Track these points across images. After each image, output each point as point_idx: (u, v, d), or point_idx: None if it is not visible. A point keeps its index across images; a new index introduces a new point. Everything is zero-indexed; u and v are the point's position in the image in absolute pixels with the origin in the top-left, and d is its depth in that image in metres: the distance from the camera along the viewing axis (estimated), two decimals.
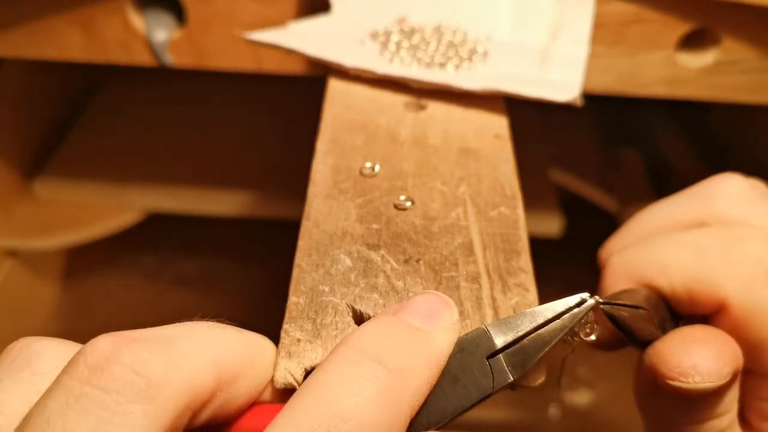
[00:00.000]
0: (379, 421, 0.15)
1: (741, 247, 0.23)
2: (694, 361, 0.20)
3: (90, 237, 0.55)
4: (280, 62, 0.39)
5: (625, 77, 0.38)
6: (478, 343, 0.19)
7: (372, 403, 0.15)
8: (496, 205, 0.25)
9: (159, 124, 0.64)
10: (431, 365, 0.17)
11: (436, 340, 0.18)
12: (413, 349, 0.17)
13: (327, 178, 0.26)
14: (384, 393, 0.16)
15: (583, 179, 0.59)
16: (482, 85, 0.31)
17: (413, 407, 0.17)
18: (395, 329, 0.17)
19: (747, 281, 0.22)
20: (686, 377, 0.20)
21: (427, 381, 0.17)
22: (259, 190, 0.57)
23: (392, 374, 0.16)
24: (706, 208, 0.24)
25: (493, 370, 0.18)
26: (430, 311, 0.18)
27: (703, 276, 0.22)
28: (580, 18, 0.35)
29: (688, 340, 0.21)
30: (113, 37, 0.39)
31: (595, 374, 0.56)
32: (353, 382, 0.16)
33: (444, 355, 0.18)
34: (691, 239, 0.23)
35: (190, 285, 0.63)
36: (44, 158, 0.59)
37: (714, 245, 0.23)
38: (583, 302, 0.20)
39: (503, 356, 0.19)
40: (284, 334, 0.20)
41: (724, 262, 0.22)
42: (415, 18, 0.36)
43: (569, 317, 0.19)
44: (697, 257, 0.23)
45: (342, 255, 0.23)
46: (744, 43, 0.36)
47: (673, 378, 0.21)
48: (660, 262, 0.23)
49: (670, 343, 0.21)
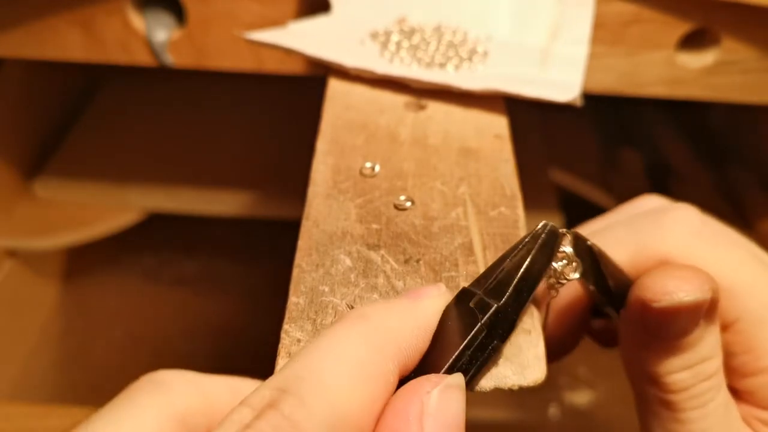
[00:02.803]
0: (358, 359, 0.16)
1: (670, 213, 0.25)
2: (676, 281, 0.22)
3: (90, 237, 0.55)
4: (280, 62, 0.39)
5: (625, 77, 0.38)
6: (463, 300, 0.19)
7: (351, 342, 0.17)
8: (496, 205, 0.25)
9: (159, 124, 0.64)
10: (416, 325, 0.18)
11: (419, 305, 0.19)
12: (398, 312, 0.18)
13: (327, 178, 0.26)
14: (366, 340, 0.17)
15: (583, 179, 0.59)
16: (482, 85, 0.31)
17: (397, 362, 0.17)
18: (385, 302, 0.19)
19: (681, 238, 0.24)
20: (671, 294, 0.21)
21: (413, 340, 0.18)
22: (259, 190, 0.57)
23: (375, 328, 0.17)
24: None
25: (478, 309, 0.19)
26: (415, 291, 0.19)
27: (642, 243, 0.24)
28: (580, 18, 0.35)
29: (669, 270, 0.22)
30: (113, 37, 0.39)
31: (595, 374, 0.56)
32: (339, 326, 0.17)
33: (429, 317, 0.19)
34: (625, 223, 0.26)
35: (190, 285, 0.63)
36: (44, 158, 0.59)
37: (646, 220, 0.25)
38: (546, 227, 0.20)
39: (483, 294, 0.19)
40: (284, 334, 0.20)
41: (658, 228, 0.25)
42: (415, 18, 0.36)
43: (531, 240, 0.20)
44: (634, 231, 0.25)
45: (342, 255, 0.23)
46: (744, 43, 0.36)
47: (659, 299, 0.22)
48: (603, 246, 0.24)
49: (654, 273, 0.22)
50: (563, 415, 0.54)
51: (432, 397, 0.16)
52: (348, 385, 0.16)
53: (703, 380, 0.23)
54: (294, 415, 0.15)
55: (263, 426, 0.15)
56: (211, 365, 0.60)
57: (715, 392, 0.23)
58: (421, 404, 0.16)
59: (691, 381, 0.23)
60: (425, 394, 0.16)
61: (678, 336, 0.23)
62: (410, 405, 0.16)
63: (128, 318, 0.60)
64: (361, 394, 0.16)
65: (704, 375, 0.23)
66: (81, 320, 0.59)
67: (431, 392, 0.16)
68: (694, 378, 0.23)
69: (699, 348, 0.23)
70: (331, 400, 0.15)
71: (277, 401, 0.15)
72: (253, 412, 0.15)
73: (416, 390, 0.16)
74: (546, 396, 0.55)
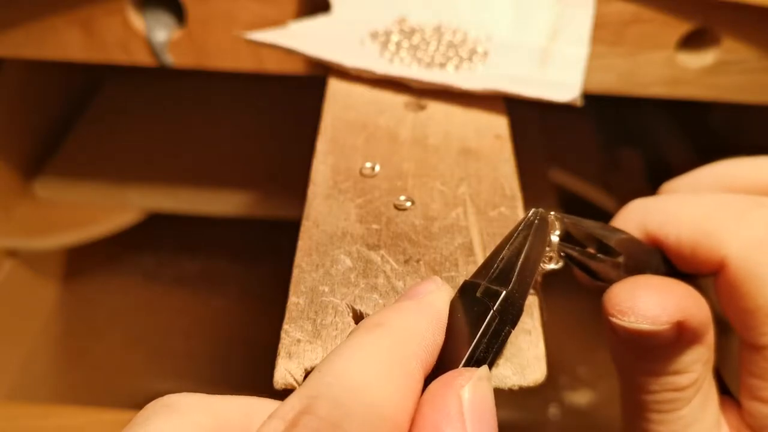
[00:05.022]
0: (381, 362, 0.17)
1: (756, 209, 0.22)
2: (634, 303, 0.21)
3: (90, 237, 0.55)
4: (280, 62, 0.39)
5: (625, 77, 0.38)
6: (468, 292, 0.19)
7: (371, 347, 0.17)
8: (496, 205, 0.25)
9: (159, 124, 0.64)
10: (428, 321, 0.18)
11: (425, 302, 0.19)
12: (407, 312, 0.18)
13: (327, 178, 0.26)
14: (385, 344, 0.17)
15: (583, 179, 0.58)
16: (482, 85, 0.31)
17: (419, 360, 0.17)
18: (392, 307, 0.19)
19: (750, 243, 0.21)
20: (622, 315, 0.21)
21: (429, 336, 0.18)
22: (259, 190, 0.57)
23: (391, 331, 0.17)
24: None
25: (486, 298, 0.19)
26: (415, 290, 0.20)
27: (711, 231, 0.22)
28: (580, 18, 0.35)
29: (639, 284, 0.21)
30: (113, 37, 0.39)
31: (595, 374, 0.56)
32: (355, 336, 0.17)
33: (439, 311, 0.19)
34: (715, 197, 0.23)
35: (190, 285, 0.63)
36: (44, 158, 0.59)
37: (732, 205, 0.22)
38: (536, 213, 0.21)
39: (488, 283, 0.19)
40: (284, 334, 0.20)
41: (734, 221, 0.22)
42: (415, 18, 0.36)
43: (524, 227, 0.20)
44: (711, 213, 0.22)
45: (342, 255, 0.23)
46: (744, 43, 0.36)
47: (612, 315, 0.21)
48: (674, 213, 0.23)
49: (623, 284, 0.22)
50: (563, 415, 0.54)
51: (467, 391, 0.16)
52: (378, 385, 0.16)
53: (671, 390, 0.22)
54: (332, 417, 0.15)
55: (301, 431, 0.14)
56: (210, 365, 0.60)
57: (684, 403, 0.22)
58: (459, 399, 0.16)
59: (656, 387, 0.22)
60: (461, 388, 0.16)
61: (638, 348, 0.22)
62: (449, 400, 0.16)
63: (128, 318, 0.60)
64: (392, 392, 0.16)
65: (673, 386, 0.22)
66: (81, 320, 0.59)
67: (465, 386, 0.16)
68: (661, 386, 0.22)
69: (669, 361, 0.22)
70: (366, 400, 0.15)
71: (311, 406, 0.15)
72: (285, 422, 0.15)
73: (451, 385, 0.17)
74: (546, 396, 0.55)
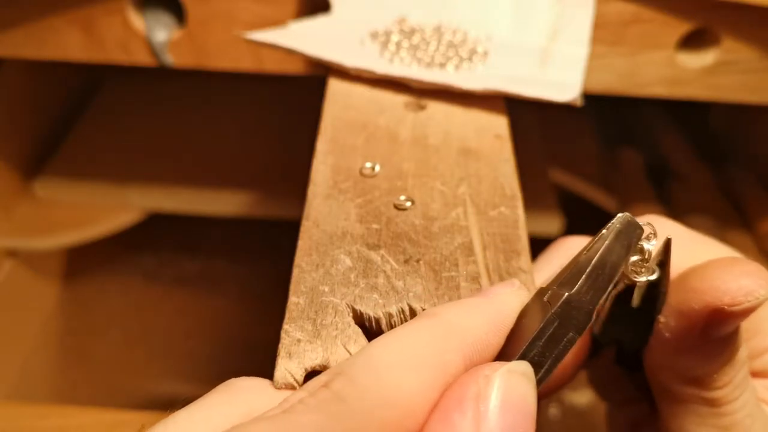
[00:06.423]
0: (416, 348, 0.17)
1: None
2: (751, 279, 0.21)
3: (90, 237, 0.55)
4: (280, 62, 0.39)
5: (625, 77, 0.38)
6: (539, 297, 0.19)
7: (414, 334, 0.17)
8: (496, 205, 0.25)
9: (159, 124, 0.64)
10: (486, 320, 0.18)
11: (493, 302, 0.19)
12: (468, 308, 0.19)
13: (327, 178, 0.26)
14: (428, 332, 0.17)
15: (583, 179, 0.58)
16: (482, 85, 0.31)
17: (463, 355, 0.17)
18: (458, 301, 0.19)
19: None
20: (752, 293, 0.20)
21: (482, 335, 0.18)
22: (259, 190, 0.57)
23: (440, 322, 0.18)
24: None
25: (551, 302, 0.18)
26: (491, 289, 0.20)
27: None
28: (580, 18, 0.35)
29: (726, 267, 0.21)
30: (113, 37, 0.39)
31: None
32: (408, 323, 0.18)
33: (503, 314, 0.19)
34: None
35: (190, 285, 0.63)
36: (44, 158, 0.59)
37: None
38: (622, 217, 0.19)
39: (557, 288, 0.19)
40: (284, 334, 0.20)
41: None
42: (415, 18, 0.36)
43: (606, 231, 0.19)
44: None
45: (342, 255, 0.23)
46: (744, 43, 0.36)
47: (740, 301, 0.20)
48: None
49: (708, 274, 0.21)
50: (563, 415, 0.54)
51: (491, 381, 0.16)
52: (401, 371, 0.16)
53: (740, 369, 0.23)
54: (342, 392, 0.16)
55: (310, 400, 0.16)
56: (210, 365, 0.60)
57: (748, 378, 0.23)
58: (477, 387, 0.16)
59: (733, 373, 0.23)
60: (483, 377, 0.16)
61: (736, 334, 0.22)
62: (465, 387, 0.16)
63: (128, 318, 0.60)
64: (414, 381, 0.16)
65: (741, 363, 0.23)
66: (81, 320, 0.59)
67: (490, 376, 0.16)
68: (736, 370, 0.23)
69: (738, 339, 0.22)
70: (381, 383, 0.16)
71: (330, 381, 0.16)
72: (307, 393, 0.16)
73: (473, 374, 0.17)
74: None
